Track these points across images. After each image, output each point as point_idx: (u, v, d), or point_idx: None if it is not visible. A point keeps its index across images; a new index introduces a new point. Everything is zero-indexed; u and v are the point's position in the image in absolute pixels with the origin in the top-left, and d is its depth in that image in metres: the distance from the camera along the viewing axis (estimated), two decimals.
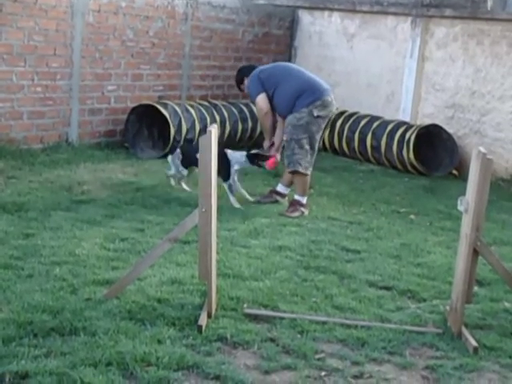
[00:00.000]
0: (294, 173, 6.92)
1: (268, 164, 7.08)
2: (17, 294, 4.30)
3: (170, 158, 7.41)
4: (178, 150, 7.37)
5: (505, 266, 4.46)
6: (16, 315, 3.97)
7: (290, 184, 7.17)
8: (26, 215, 5.98)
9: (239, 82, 7.37)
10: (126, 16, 9.14)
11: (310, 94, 6.81)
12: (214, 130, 4.15)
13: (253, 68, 7.28)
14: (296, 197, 6.92)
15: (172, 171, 7.37)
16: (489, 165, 4.14)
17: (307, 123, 6.78)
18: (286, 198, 7.16)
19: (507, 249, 6.12)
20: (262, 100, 6.90)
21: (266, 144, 7.20)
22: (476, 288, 4.86)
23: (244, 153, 7.10)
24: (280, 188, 7.22)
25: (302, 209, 6.82)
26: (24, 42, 8.19)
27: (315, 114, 6.78)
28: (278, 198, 7.17)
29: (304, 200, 6.89)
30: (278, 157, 7.15)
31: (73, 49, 8.65)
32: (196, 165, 6.55)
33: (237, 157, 7.02)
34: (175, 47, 9.80)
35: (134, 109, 9.07)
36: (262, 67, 7.29)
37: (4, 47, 8.04)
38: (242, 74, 7.32)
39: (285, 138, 6.90)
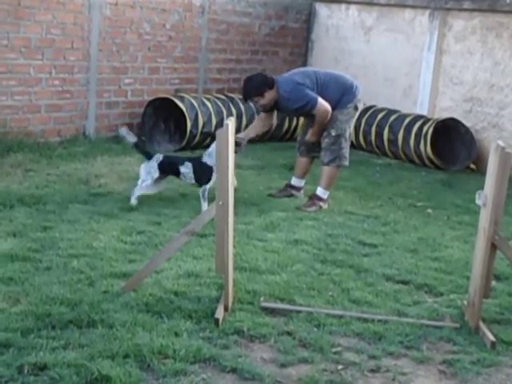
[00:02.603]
0: (337, 167, 6.91)
1: None
2: (35, 286, 4.33)
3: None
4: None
5: None
6: (34, 307, 4.00)
7: (304, 175, 7.16)
8: (43, 208, 6.02)
9: (256, 94, 6.79)
10: (143, 9, 9.16)
11: (351, 90, 6.90)
12: (231, 124, 4.15)
13: (267, 81, 6.80)
14: (319, 190, 6.87)
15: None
16: (507, 158, 4.10)
17: (352, 117, 6.99)
18: (302, 191, 7.15)
19: None
20: (323, 104, 6.68)
21: (312, 138, 6.95)
22: (494, 282, 4.83)
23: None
24: (294, 181, 7.21)
25: (321, 203, 6.80)
26: (42, 36, 8.23)
27: (358, 106, 7.05)
28: (294, 191, 7.16)
29: (325, 195, 6.87)
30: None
31: (90, 42, 8.67)
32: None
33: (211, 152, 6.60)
34: (192, 40, 9.80)
35: (150, 102, 9.09)
36: (286, 75, 7.05)
37: (22, 40, 8.08)
38: (261, 86, 6.74)
39: (333, 134, 6.80)
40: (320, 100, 6.68)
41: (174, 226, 5.76)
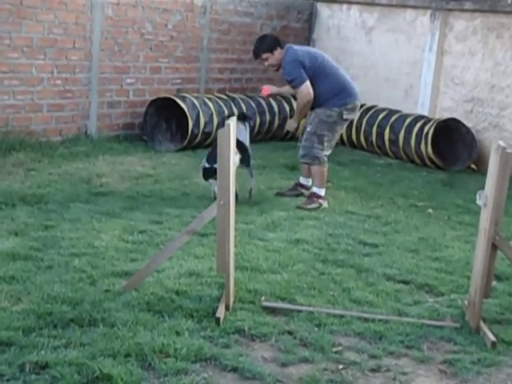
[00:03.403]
0: (309, 165, 6.95)
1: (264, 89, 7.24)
2: (36, 285, 4.34)
3: None
4: None
5: None
6: (36, 306, 4.01)
7: (309, 174, 7.15)
8: (45, 207, 6.03)
9: (267, 50, 6.86)
10: (145, 9, 9.17)
11: (345, 95, 6.82)
12: (232, 123, 4.16)
13: (279, 41, 6.93)
14: (314, 189, 6.93)
15: None
16: (508, 159, 4.11)
17: (334, 122, 6.85)
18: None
19: None
20: (308, 88, 6.67)
21: (292, 124, 7.17)
22: (494, 282, 4.83)
23: None
24: (302, 180, 7.21)
25: (320, 201, 6.81)
26: (44, 35, 8.24)
27: (344, 116, 6.86)
28: (303, 190, 7.15)
29: (322, 192, 6.89)
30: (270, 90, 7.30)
31: (92, 42, 8.69)
32: None
33: None
34: (193, 40, 9.81)
35: (152, 102, 9.10)
36: (296, 47, 6.95)
37: (24, 40, 8.09)
38: (273, 44, 6.86)
39: (308, 129, 6.87)
40: (307, 83, 6.67)
41: (175, 225, 5.78)
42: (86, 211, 6.01)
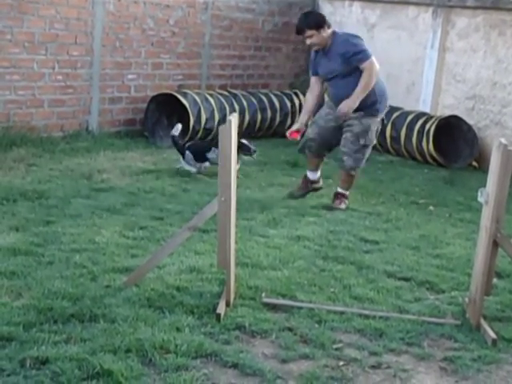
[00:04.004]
0: (348, 171, 6.79)
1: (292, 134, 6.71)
2: (37, 280, 4.34)
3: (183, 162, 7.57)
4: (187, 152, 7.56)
5: None
6: (36, 301, 4.01)
7: (317, 167, 7.02)
8: (46, 203, 6.03)
9: (314, 27, 6.44)
10: (147, 5, 9.16)
11: (385, 100, 6.74)
12: (233, 119, 4.16)
13: (326, 20, 6.58)
14: (341, 190, 6.82)
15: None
16: (510, 156, 4.10)
17: (379, 129, 6.81)
18: (321, 180, 7.12)
19: None
20: (376, 63, 6.38)
21: (352, 105, 6.42)
22: (495, 280, 4.83)
23: None
24: (312, 175, 7.04)
25: (346, 200, 6.78)
26: (45, 31, 8.24)
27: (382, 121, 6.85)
28: (315, 185, 7.07)
29: (347, 192, 6.85)
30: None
31: (93, 37, 8.68)
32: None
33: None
34: (195, 36, 9.81)
35: (153, 98, 9.09)
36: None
37: (25, 35, 8.09)
38: (321, 21, 6.47)
39: (362, 143, 6.57)
40: (374, 58, 6.35)
41: (176, 221, 5.77)
42: (86, 207, 6.01)
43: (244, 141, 7.44)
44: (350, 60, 6.40)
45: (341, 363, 3.68)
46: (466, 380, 3.63)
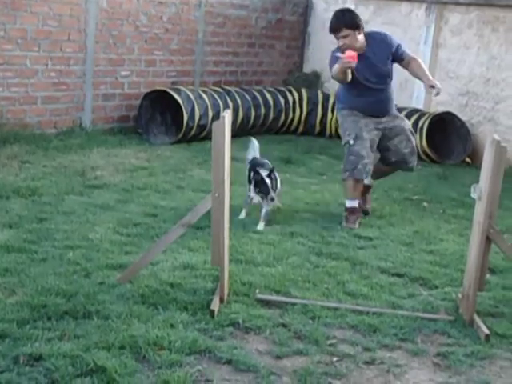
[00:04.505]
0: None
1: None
2: (31, 277, 4.33)
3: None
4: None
5: None
6: (30, 298, 4.00)
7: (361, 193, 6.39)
8: (39, 199, 6.02)
9: (351, 27, 5.92)
10: (140, 1, 9.15)
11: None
12: (227, 116, 4.16)
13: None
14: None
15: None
16: (503, 152, 4.12)
17: None
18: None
19: None
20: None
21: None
22: (488, 276, 4.84)
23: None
24: (356, 204, 6.21)
25: None
26: (38, 27, 8.22)
27: None
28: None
29: None
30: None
31: (86, 34, 8.67)
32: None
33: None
34: (188, 33, 9.80)
35: (147, 94, 9.08)
36: None
37: (18, 32, 8.07)
38: (359, 23, 5.98)
39: (413, 143, 6.38)
40: None
41: (170, 218, 5.77)
42: (80, 204, 6.01)
43: (265, 175, 5.94)
44: (397, 54, 6.14)
45: (335, 359, 3.69)
46: (460, 375, 3.64)
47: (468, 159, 9.25)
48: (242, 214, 6.07)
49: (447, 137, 9.38)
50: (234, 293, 4.38)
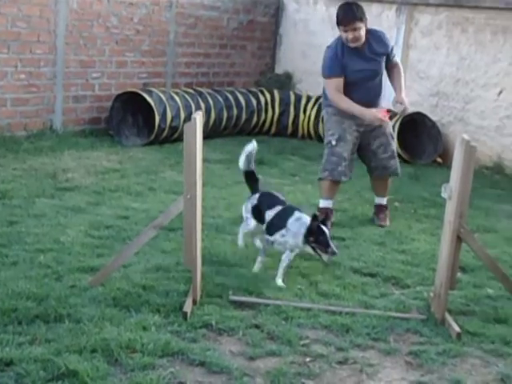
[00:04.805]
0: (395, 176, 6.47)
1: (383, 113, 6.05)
2: (1, 281, 4.29)
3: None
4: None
5: (488, 252, 4.49)
6: (0, 302, 3.95)
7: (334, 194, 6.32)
8: (10, 202, 5.96)
9: (363, 19, 5.95)
10: (110, 2, 9.10)
11: None
12: (198, 117, 4.15)
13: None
14: (383, 201, 6.44)
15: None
16: (472, 152, 4.15)
17: None
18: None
19: (490, 236, 6.17)
20: None
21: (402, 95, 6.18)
22: (459, 274, 4.89)
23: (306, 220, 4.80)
24: (329, 204, 6.24)
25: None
26: (7, 28, 8.14)
27: None
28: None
29: None
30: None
31: (57, 35, 8.59)
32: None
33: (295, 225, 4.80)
34: (160, 34, 9.76)
35: (118, 96, 9.03)
36: None
37: None
38: (365, 16, 6.03)
39: (393, 146, 6.34)
40: None
41: (142, 220, 5.74)
42: (51, 206, 5.96)
43: (324, 227, 4.76)
44: (389, 56, 6.17)
45: (308, 359, 3.70)
46: (432, 373, 3.67)
47: (439, 159, 9.32)
48: (257, 266, 4.87)
49: (418, 137, 9.45)
50: (206, 294, 4.37)
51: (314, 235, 4.69)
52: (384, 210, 6.41)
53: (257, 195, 5.19)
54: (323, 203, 6.18)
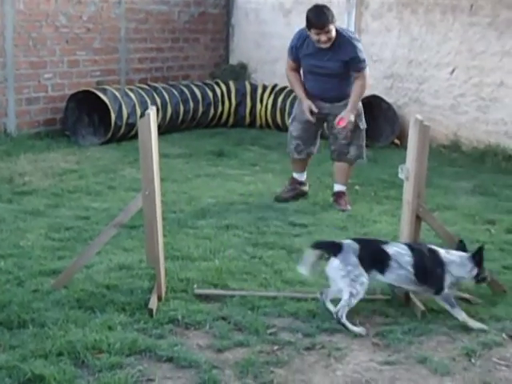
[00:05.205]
0: (350, 164, 6.54)
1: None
2: None
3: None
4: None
5: (447, 230, 4.54)
6: None
7: (304, 169, 6.74)
8: None
9: (332, 21, 6.08)
10: (58, 1, 8.97)
11: None
12: (152, 112, 4.12)
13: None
14: (341, 187, 6.52)
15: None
16: (426, 131, 4.19)
17: None
18: (308, 185, 6.86)
19: (450, 213, 6.24)
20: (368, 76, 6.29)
21: (351, 117, 6.24)
22: None
23: (466, 255, 4.24)
24: (299, 176, 6.75)
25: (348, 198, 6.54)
26: None
27: None
28: (304, 188, 6.76)
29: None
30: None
31: (4, 38, 8.45)
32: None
33: (455, 261, 4.19)
34: (110, 31, 9.66)
35: (72, 96, 8.93)
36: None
37: None
38: (334, 15, 6.14)
39: (362, 127, 6.48)
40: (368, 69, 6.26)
41: (103, 219, 5.69)
42: (9, 211, 5.87)
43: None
44: (349, 65, 6.22)
45: (275, 347, 3.71)
46: (399, 353, 3.70)
47: (397, 141, 9.39)
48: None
49: (375, 120, 9.49)
50: (171, 290, 4.36)
51: (424, 275, 4.14)
52: (342, 196, 6.48)
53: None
54: (293, 175, 6.77)
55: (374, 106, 9.45)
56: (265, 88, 10.28)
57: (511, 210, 6.43)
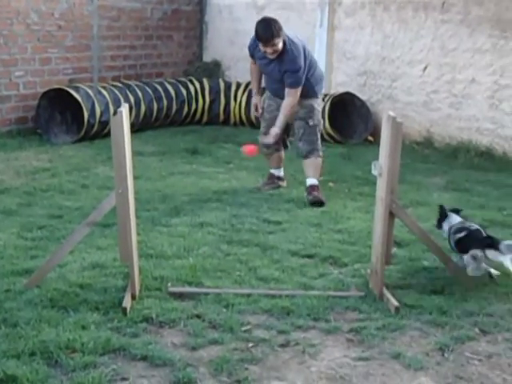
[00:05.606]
0: (309, 158, 6.69)
1: (248, 149, 6.64)
2: None
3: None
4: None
5: (420, 226, 4.57)
6: None
7: (279, 164, 7.00)
8: None
9: (279, 35, 6.24)
10: None
11: (323, 79, 6.91)
12: (124, 110, 4.10)
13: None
14: (313, 181, 6.62)
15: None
16: (399, 128, 4.21)
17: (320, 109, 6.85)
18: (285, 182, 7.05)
19: (423, 209, 6.28)
20: (298, 92, 6.40)
21: (277, 132, 6.45)
22: (395, 249, 4.98)
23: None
24: (276, 171, 7.00)
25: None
26: None
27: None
28: (282, 183, 7.00)
29: (317, 181, 6.69)
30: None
31: None
32: None
33: None
34: (83, 28, 9.59)
35: (44, 94, 8.85)
36: (292, 36, 6.44)
37: None
38: (281, 27, 6.30)
39: (311, 123, 6.61)
40: (300, 88, 6.38)
41: (76, 218, 5.65)
42: None
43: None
44: (283, 75, 6.38)
45: (250, 345, 3.70)
46: (372, 349, 3.72)
47: (370, 137, 9.43)
48: None
49: (348, 117, 9.54)
50: (145, 288, 4.34)
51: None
52: (315, 189, 6.56)
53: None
54: (270, 170, 7.02)
55: (348, 103, 9.50)
56: (239, 85, 10.27)
57: (483, 205, 6.48)
